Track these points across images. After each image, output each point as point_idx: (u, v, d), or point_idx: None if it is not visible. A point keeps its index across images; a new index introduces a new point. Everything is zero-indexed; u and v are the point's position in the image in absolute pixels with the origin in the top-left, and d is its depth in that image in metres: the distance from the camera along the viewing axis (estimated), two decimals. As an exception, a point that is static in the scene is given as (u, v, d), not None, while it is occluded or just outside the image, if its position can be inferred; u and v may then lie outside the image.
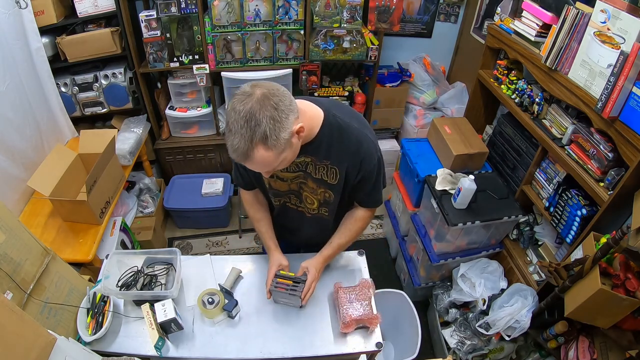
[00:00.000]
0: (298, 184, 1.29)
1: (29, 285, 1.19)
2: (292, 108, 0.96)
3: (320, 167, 1.20)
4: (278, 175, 1.26)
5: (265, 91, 0.92)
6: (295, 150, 1.04)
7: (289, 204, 1.41)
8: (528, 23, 1.84)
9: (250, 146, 0.92)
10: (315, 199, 1.31)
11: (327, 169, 1.20)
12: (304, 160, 1.19)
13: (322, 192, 1.27)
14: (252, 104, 0.90)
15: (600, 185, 1.51)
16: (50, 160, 1.91)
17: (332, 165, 1.18)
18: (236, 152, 0.94)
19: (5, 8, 1.81)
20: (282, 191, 1.33)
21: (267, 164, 0.98)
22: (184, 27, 2.44)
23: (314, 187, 1.27)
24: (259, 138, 0.91)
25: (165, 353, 1.30)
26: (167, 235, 2.91)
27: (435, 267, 2.13)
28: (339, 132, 1.14)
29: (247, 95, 0.92)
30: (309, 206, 1.35)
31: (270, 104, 0.91)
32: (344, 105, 1.24)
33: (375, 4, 2.48)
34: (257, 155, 0.94)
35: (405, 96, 3.00)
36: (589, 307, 1.37)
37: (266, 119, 0.90)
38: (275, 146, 0.94)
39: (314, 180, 1.25)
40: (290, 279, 1.38)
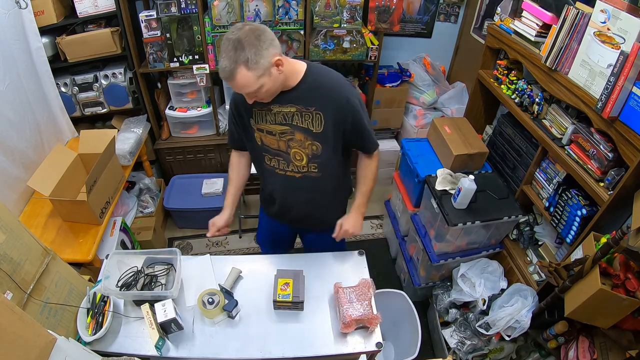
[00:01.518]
0: (286, 141, 1.37)
1: (29, 285, 1.19)
2: (273, 44, 1.15)
3: (306, 114, 1.31)
4: (267, 129, 1.37)
5: (252, 27, 1.14)
6: (275, 81, 1.20)
7: (278, 170, 1.46)
8: (528, 23, 1.84)
9: (234, 66, 1.12)
10: (304, 154, 1.38)
11: (313, 115, 1.31)
12: (290, 110, 1.31)
13: (310, 144, 1.36)
14: (239, 34, 1.12)
15: (600, 185, 1.51)
16: (50, 160, 1.91)
17: (317, 111, 1.30)
18: (224, 71, 1.14)
19: (5, 8, 1.81)
20: (273, 148, 1.42)
21: (247, 84, 1.16)
22: (184, 27, 2.44)
23: (302, 140, 1.36)
24: (242, 60, 1.11)
25: (165, 353, 1.30)
26: (167, 235, 2.91)
27: (435, 267, 2.13)
28: (320, 75, 1.30)
29: (238, 29, 1.13)
30: (297, 163, 1.41)
31: (254, 36, 1.12)
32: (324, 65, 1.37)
33: (375, 4, 2.48)
34: (240, 75, 1.13)
35: (405, 96, 3.00)
36: (589, 307, 1.36)
37: (249, 45, 1.11)
38: (255, 69, 1.13)
39: (301, 131, 1.34)
40: (288, 302, 1.40)
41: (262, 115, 1.36)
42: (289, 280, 1.43)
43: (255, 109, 1.35)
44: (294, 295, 1.39)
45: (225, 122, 2.88)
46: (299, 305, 1.42)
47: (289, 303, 1.40)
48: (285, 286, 1.41)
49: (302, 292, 1.41)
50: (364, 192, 1.53)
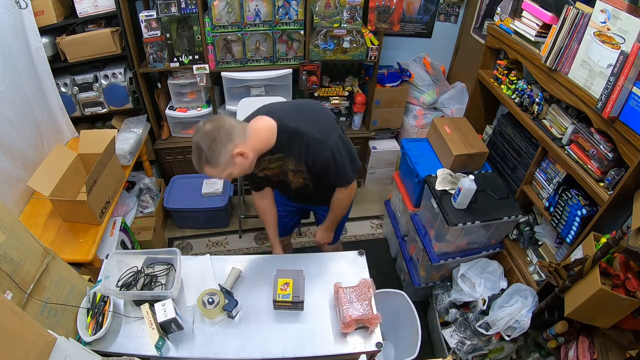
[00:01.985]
0: (282, 172, 1.54)
1: (29, 285, 1.19)
2: (231, 139, 1.25)
3: (289, 161, 1.46)
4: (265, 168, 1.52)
5: (209, 128, 1.24)
6: (242, 166, 1.32)
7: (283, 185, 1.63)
8: (528, 23, 1.84)
9: (199, 164, 1.27)
10: (299, 180, 1.56)
11: (295, 163, 1.46)
12: (279, 156, 1.45)
13: (300, 177, 1.53)
14: (198, 138, 1.25)
15: (600, 185, 1.51)
16: (50, 160, 1.92)
17: (296, 160, 1.44)
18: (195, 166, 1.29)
19: (5, 8, 1.81)
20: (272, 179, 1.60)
21: (216, 175, 1.31)
22: (184, 27, 2.44)
23: (293, 175, 1.53)
24: (203, 160, 1.25)
25: (165, 353, 1.30)
26: (167, 235, 2.91)
27: (435, 267, 2.13)
28: (290, 138, 1.39)
29: (198, 130, 1.26)
30: (296, 184, 1.59)
31: (210, 138, 1.23)
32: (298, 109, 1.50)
33: (375, 4, 2.48)
34: (206, 170, 1.28)
35: (405, 96, 3.00)
36: (589, 307, 1.36)
37: (207, 148, 1.23)
38: (216, 166, 1.26)
39: (291, 171, 1.50)
40: (288, 302, 1.41)
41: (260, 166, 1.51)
42: (289, 280, 1.43)
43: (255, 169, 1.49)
44: (294, 295, 1.39)
45: (225, 122, 2.89)
46: (299, 305, 1.42)
47: (289, 303, 1.40)
48: (285, 286, 1.41)
49: (302, 292, 1.41)
50: (332, 219, 1.75)
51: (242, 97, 2.63)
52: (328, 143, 1.39)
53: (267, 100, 2.62)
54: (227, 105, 2.74)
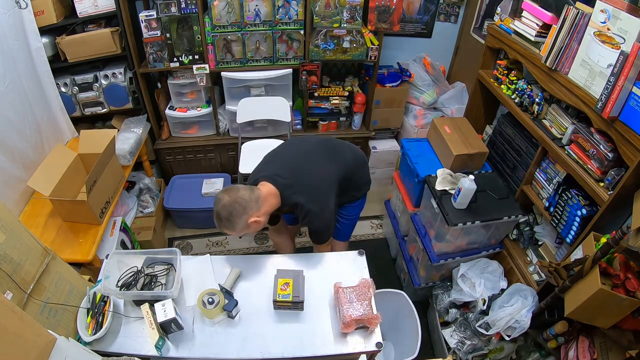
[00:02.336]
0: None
1: (29, 285, 1.19)
2: (246, 211, 1.44)
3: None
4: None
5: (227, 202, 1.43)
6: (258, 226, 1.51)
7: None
8: (528, 23, 1.84)
9: (220, 227, 1.47)
10: None
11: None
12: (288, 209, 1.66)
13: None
14: (218, 209, 1.44)
15: (600, 185, 1.51)
16: (50, 160, 1.91)
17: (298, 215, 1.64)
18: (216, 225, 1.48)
19: (5, 8, 1.80)
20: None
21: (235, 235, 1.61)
22: (184, 27, 2.44)
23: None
24: (223, 225, 1.46)
25: (165, 353, 1.30)
26: (167, 235, 2.91)
27: (435, 267, 2.13)
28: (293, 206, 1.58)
29: (218, 202, 1.45)
30: None
31: (228, 211, 1.43)
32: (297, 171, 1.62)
33: (375, 4, 2.48)
34: (226, 232, 1.48)
35: (405, 96, 3.00)
36: (589, 307, 1.36)
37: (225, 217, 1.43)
38: (234, 230, 1.47)
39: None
40: (288, 302, 1.41)
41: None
42: (289, 280, 1.43)
43: None
44: (294, 295, 1.39)
45: (226, 122, 2.89)
46: (299, 305, 1.42)
47: (289, 303, 1.40)
48: (285, 286, 1.42)
49: (302, 292, 1.41)
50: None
51: (242, 97, 2.63)
52: (321, 216, 1.58)
53: (267, 100, 2.63)
54: (227, 105, 2.74)
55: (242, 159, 2.58)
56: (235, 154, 2.86)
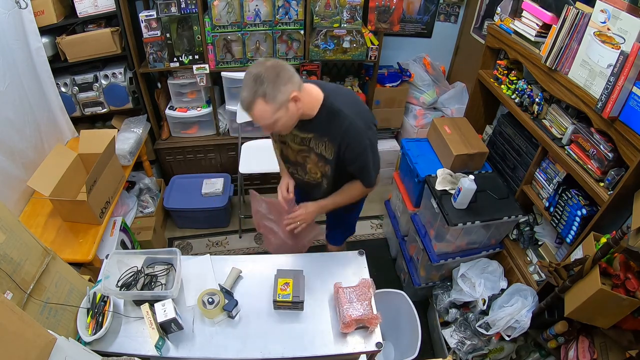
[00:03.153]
0: (303, 157, 1.52)
1: (29, 285, 1.19)
2: (292, 80, 1.23)
3: (319, 142, 1.44)
4: (288, 143, 1.51)
5: (273, 63, 1.22)
6: (291, 116, 1.29)
7: (296, 175, 1.63)
8: (528, 23, 1.84)
9: (253, 98, 1.20)
10: (318, 171, 1.54)
11: (325, 144, 1.43)
12: (307, 136, 1.44)
13: (322, 165, 1.50)
14: (260, 69, 1.20)
15: (600, 185, 1.51)
16: (50, 160, 1.91)
17: (329, 141, 1.41)
18: (243, 102, 1.23)
19: (5, 8, 1.81)
20: (290, 160, 1.59)
21: (264, 116, 1.25)
22: (184, 27, 2.44)
23: (316, 160, 1.49)
24: (261, 93, 1.19)
25: (165, 353, 1.30)
26: (167, 235, 2.91)
27: (435, 267, 2.13)
28: (332, 115, 1.37)
29: (260, 64, 1.22)
30: (313, 176, 1.56)
31: (274, 72, 1.20)
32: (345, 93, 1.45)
33: (375, 4, 2.48)
34: (257, 107, 1.22)
35: (405, 96, 2.99)
36: (589, 307, 1.36)
37: (268, 81, 1.18)
38: (272, 103, 1.21)
39: (316, 155, 1.47)
40: (288, 302, 1.41)
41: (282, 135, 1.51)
42: (289, 280, 1.43)
43: None
44: (294, 295, 1.39)
45: (226, 122, 2.88)
46: (299, 305, 1.42)
47: (289, 303, 1.40)
48: (285, 286, 1.42)
49: (302, 292, 1.41)
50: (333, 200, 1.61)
51: (242, 97, 2.63)
52: (367, 134, 1.38)
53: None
54: (227, 105, 2.74)
55: (242, 159, 2.58)
56: (235, 154, 2.86)
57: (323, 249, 1.95)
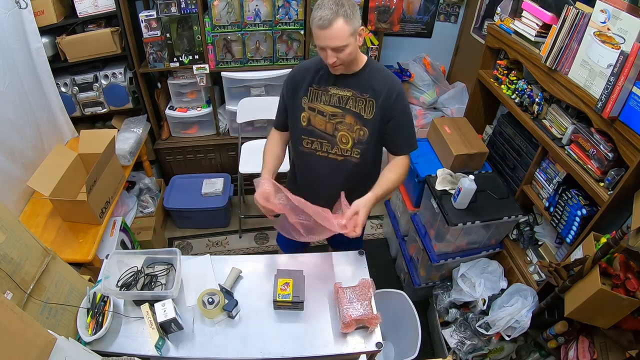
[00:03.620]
0: (334, 124, 1.45)
1: (29, 285, 1.19)
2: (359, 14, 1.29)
3: (360, 99, 1.41)
4: (319, 109, 1.45)
5: None
6: (355, 49, 1.31)
7: (320, 152, 1.51)
8: (528, 23, 1.84)
9: (335, 16, 1.22)
10: (350, 137, 1.45)
11: (366, 102, 1.41)
12: (345, 94, 1.42)
13: (358, 129, 1.44)
14: None
15: (600, 185, 1.51)
16: (50, 160, 1.91)
17: (371, 97, 1.40)
18: (322, 19, 1.23)
19: (5, 8, 1.81)
20: (318, 129, 1.48)
21: (341, 36, 1.25)
22: (184, 27, 2.44)
23: (351, 123, 1.43)
24: (342, 13, 1.23)
25: (165, 353, 1.30)
26: (167, 235, 2.91)
27: (435, 267, 2.13)
28: (379, 70, 1.42)
29: None
30: (342, 146, 1.47)
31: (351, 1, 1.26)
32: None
33: (375, 4, 2.48)
34: (337, 24, 1.23)
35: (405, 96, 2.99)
36: (589, 307, 1.36)
37: (348, 5, 1.25)
38: (350, 24, 1.25)
39: (353, 115, 1.42)
40: (288, 302, 1.40)
41: (317, 95, 1.45)
42: (289, 280, 1.43)
43: (312, 87, 1.45)
44: (294, 295, 1.39)
45: (226, 122, 2.88)
46: (299, 305, 1.41)
47: (289, 303, 1.40)
48: (285, 286, 1.42)
49: (302, 292, 1.41)
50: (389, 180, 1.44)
51: (242, 97, 2.63)
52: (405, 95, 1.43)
53: (267, 100, 2.63)
54: (227, 105, 2.74)
55: (242, 159, 2.58)
56: (235, 154, 2.86)
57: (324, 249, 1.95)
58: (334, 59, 1.30)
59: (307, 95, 1.46)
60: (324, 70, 1.43)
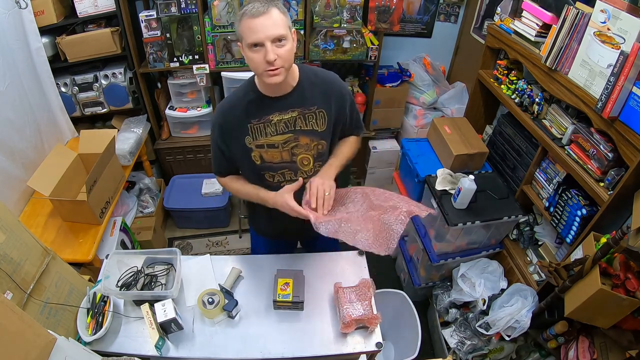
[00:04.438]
0: (290, 150, 1.32)
1: (29, 285, 1.19)
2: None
3: (309, 115, 1.30)
4: (268, 143, 1.30)
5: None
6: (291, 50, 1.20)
7: (284, 182, 1.36)
8: (528, 23, 1.84)
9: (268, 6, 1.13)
10: (310, 156, 1.35)
11: (316, 115, 1.31)
12: (292, 116, 1.29)
13: (315, 145, 1.34)
14: None
15: (600, 185, 1.51)
16: (50, 160, 1.91)
17: (320, 108, 1.31)
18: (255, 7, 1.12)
19: (5, 8, 1.81)
20: (275, 163, 1.33)
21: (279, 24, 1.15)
22: (184, 27, 2.44)
23: (307, 143, 1.32)
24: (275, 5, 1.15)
25: (165, 353, 1.30)
26: (167, 235, 2.91)
27: (435, 267, 2.13)
28: (314, 74, 1.32)
29: None
30: (304, 169, 1.36)
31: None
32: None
33: (375, 4, 2.48)
34: (274, 13, 1.14)
35: (405, 96, 2.99)
36: (589, 307, 1.36)
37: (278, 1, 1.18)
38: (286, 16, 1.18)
39: (306, 134, 1.31)
40: (288, 302, 1.40)
41: (260, 130, 1.29)
42: (289, 280, 1.43)
43: (251, 123, 1.28)
44: (294, 295, 1.39)
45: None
46: (299, 305, 1.41)
47: (289, 303, 1.40)
48: (285, 286, 1.41)
49: (302, 292, 1.41)
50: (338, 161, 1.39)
51: (242, 97, 2.63)
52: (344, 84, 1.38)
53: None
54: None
55: (242, 159, 2.58)
56: (235, 154, 2.86)
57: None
58: (274, 56, 1.13)
59: (250, 134, 1.29)
60: (255, 101, 1.27)
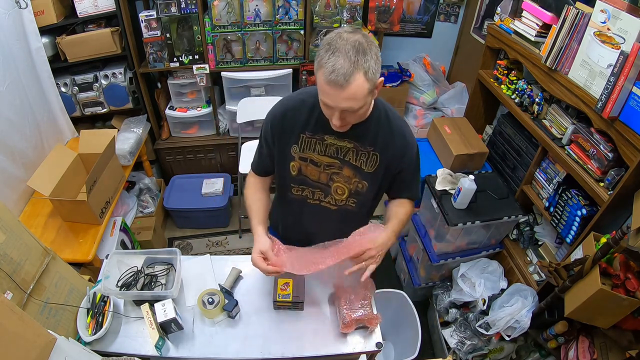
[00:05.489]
0: (329, 174, 1.24)
1: (29, 285, 1.19)
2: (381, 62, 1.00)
3: (362, 153, 1.20)
4: (312, 159, 1.23)
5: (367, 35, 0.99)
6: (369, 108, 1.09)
7: (310, 200, 1.32)
8: (528, 23, 1.84)
9: (353, 69, 0.94)
10: (347, 188, 1.26)
11: (369, 155, 1.20)
12: (346, 145, 1.19)
13: (357, 182, 1.25)
14: (360, 38, 0.95)
15: (600, 185, 1.51)
16: (50, 160, 1.91)
17: (375, 151, 1.20)
18: (336, 71, 0.94)
19: (5, 8, 1.80)
20: (311, 180, 1.27)
21: (358, 96, 0.98)
22: (184, 27, 2.44)
23: (349, 176, 1.24)
24: (362, 66, 0.94)
25: (165, 353, 1.30)
26: (167, 235, 2.91)
27: (435, 267, 2.13)
28: (387, 117, 1.19)
29: (352, 31, 0.97)
30: (337, 197, 1.29)
31: (374, 45, 0.98)
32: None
33: (375, 4, 2.48)
34: (356, 82, 0.95)
35: (405, 96, 2.99)
36: (589, 307, 1.37)
37: (372, 54, 0.96)
38: (371, 81, 0.98)
39: (351, 168, 1.22)
40: (288, 302, 1.39)
41: (311, 144, 1.21)
42: (289, 280, 1.43)
43: (305, 134, 1.20)
44: (294, 295, 1.39)
45: (226, 122, 2.88)
46: (299, 305, 1.41)
47: (289, 303, 1.40)
48: (285, 286, 1.41)
49: (302, 292, 1.41)
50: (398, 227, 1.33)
51: (242, 97, 2.63)
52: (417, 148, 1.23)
53: (268, 100, 2.63)
54: (227, 105, 2.74)
55: (242, 159, 2.58)
56: (235, 154, 2.86)
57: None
58: (340, 122, 1.05)
59: (297, 144, 1.22)
60: (318, 114, 1.17)
